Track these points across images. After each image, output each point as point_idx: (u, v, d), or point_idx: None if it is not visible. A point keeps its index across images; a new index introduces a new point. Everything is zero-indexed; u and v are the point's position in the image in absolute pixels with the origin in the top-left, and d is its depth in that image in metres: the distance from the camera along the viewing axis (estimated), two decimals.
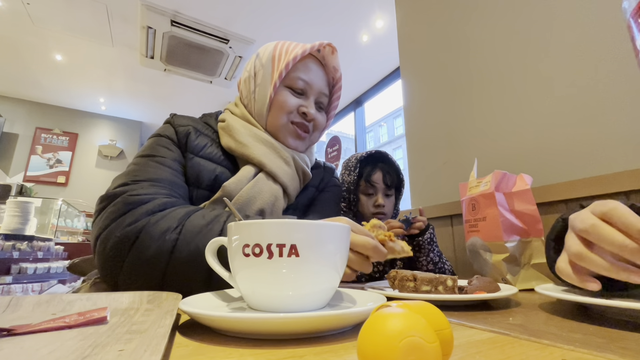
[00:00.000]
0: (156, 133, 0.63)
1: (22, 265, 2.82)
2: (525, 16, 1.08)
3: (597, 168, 0.83)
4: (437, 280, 0.42)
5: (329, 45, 0.71)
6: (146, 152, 0.58)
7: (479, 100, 1.21)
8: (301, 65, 0.68)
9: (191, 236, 0.45)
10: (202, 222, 0.47)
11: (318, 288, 0.30)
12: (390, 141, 17.69)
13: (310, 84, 0.69)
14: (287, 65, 0.65)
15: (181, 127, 0.63)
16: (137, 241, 0.44)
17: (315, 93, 0.70)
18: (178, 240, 0.44)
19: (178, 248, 0.44)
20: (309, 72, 0.69)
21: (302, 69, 0.68)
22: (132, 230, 0.44)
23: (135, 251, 0.43)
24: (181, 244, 0.44)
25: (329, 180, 0.83)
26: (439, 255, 0.97)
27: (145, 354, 0.18)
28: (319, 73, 0.71)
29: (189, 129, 0.63)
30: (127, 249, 0.44)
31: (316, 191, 0.78)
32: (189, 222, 0.46)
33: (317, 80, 0.70)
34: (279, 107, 0.67)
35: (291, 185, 0.67)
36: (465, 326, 0.29)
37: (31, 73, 3.74)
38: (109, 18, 2.78)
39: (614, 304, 0.28)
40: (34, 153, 4.31)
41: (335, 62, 0.73)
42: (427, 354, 0.14)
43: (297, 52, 0.66)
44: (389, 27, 2.81)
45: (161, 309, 0.32)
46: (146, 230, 0.44)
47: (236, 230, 0.30)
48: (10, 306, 0.32)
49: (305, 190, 0.75)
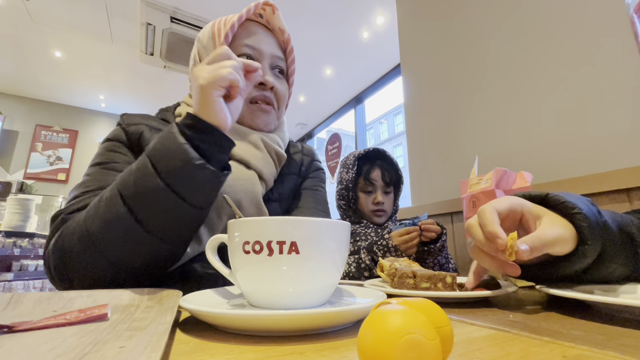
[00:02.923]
0: (106, 137, 0.58)
1: (23, 262, 2.83)
2: (527, 13, 1.07)
3: (597, 166, 0.83)
4: (436, 277, 0.42)
5: (268, 5, 0.63)
6: (97, 160, 0.54)
7: (480, 97, 1.21)
8: (242, 32, 0.61)
9: (129, 187, 0.41)
10: (127, 173, 0.43)
11: (318, 285, 0.30)
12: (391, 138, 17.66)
13: (258, 48, 0.61)
14: (227, 36, 0.58)
15: (132, 127, 0.58)
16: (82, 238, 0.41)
17: (268, 57, 0.63)
18: (122, 196, 0.41)
19: (128, 205, 0.40)
20: (252, 36, 0.62)
21: (244, 34, 0.61)
22: (72, 237, 0.42)
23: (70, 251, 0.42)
24: (128, 198, 0.40)
25: (309, 164, 0.76)
26: (446, 257, 0.97)
27: (146, 350, 0.18)
28: (265, 36, 0.64)
29: (141, 127, 0.58)
30: (70, 254, 0.42)
31: (298, 178, 0.72)
32: (117, 184, 0.42)
33: (265, 43, 0.63)
34: None
35: (266, 169, 0.61)
36: (466, 323, 0.30)
37: (31, 70, 3.73)
38: (108, 15, 2.76)
39: (614, 301, 0.28)
40: (34, 150, 4.31)
41: (280, 23, 0.65)
42: (427, 351, 0.14)
43: (233, 20, 0.59)
44: (390, 24, 2.80)
45: (162, 306, 0.32)
46: (87, 222, 0.42)
47: (236, 228, 0.30)
48: (11, 303, 0.32)
49: (287, 179, 0.69)
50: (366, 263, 0.90)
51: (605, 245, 0.35)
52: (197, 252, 0.54)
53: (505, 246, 0.33)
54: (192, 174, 0.40)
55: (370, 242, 0.92)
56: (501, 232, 0.33)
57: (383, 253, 0.90)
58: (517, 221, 0.38)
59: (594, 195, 0.80)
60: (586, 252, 0.34)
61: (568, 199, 0.36)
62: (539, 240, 0.33)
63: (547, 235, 0.33)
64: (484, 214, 0.36)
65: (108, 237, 0.41)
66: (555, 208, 0.37)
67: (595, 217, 0.35)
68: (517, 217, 0.38)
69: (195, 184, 0.41)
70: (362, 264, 0.90)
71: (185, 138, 0.41)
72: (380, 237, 0.95)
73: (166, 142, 0.41)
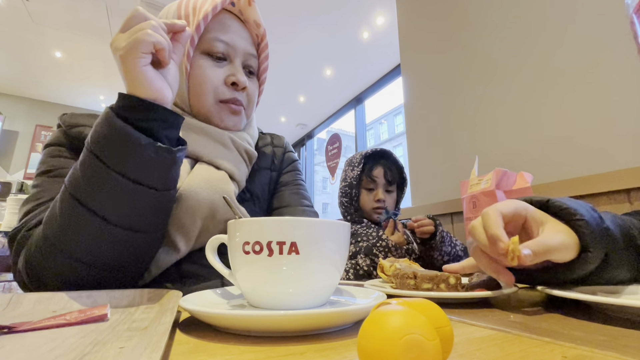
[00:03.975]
0: (47, 142, 0.53)
1: None
2: (526, 14, 1.07)
3: (597, 166, 0.83)
4: (438, 278, 0.42)
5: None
6: (42, 168, 0.50)
7: (480, 97, 1.21)
8: (216, 24, 0.56)
9: (78, 186, 0.38)
10: (75, 171, 0.39)
11: (318, 285, 0.30)
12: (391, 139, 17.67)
13: (233, 44, 0.57)
14: (199, 26, 0.53)
15: (74, 129, 0.52)
16: (48, 250, 0.39)
17: (241, 55, 0.58)
18: (69, 192, 0.38)
19: (79, 199, 0.37)
20: (227, 31, 0.57)
21: (217, 27, 0.56)
22: (35, 250, 0.40)
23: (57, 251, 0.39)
24: (77, 193, 0.37)
25: (282, 156, 0.71)
26: (451, 244, 0.96)
27: (146, 351, 0.18)
28: (240, 30, 0.59)
29: (84, 129, 0.52)
30: (41, 264, 0.40)
31: (272, 172, 0.67)
32: (67, 186, 0.39)
33: (239, 39, 0.58)
34: (201, 82, 0.55)
35: (237, 169, 0.57)
36: (466, 323, 0.29)
37: (31, 70, 3.73)
38: (108, 15, 2.77)
39: (615, 301, 0.28)
40: (34, 150, 4.31)
41: (256, 15, 0.60)
42: (427, 351, 0.13)
43: (207, 9, 0.53)
44: (390, 24, 2.80)
45: (161, 306, 0.32)
46: (47, 236, 0.39)
47: (236, 228, 0.30)
48: (11, 304, 0.32)
49: (258, 175, 0.64)
50: (364, 269, 0.90)
51: (608, 251, 0.35)
52: (176, 259, 0.50)
53: (507, 250, 0.32)
54: (143, 155, 0.37)
55: (368, 244, 0.92)
56: (504, 236, 0.33)
57: (384, 254, 0.90)
58: (519, 226, 0.38)
59: (594, 195, 0.80)
60: (588, 259, 0.34)
61: (570, 205, 0.36)
62: (543, 246, 0.32)
63: (551, 241, 0.33)
64: (488, 217, 0.35)
65: (76, 241, 0.38)
66: (556, 214, 0.37)
67: (597, 223, 0.35)
68: (521, 221, 0.38)
69: (149, 166, 0.38)
70: (360, 270, 0.90)
71: (125, 121, 0.37)
72: (378, 237, 0.95)
73: (105, 129, 0.37)
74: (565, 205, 0.36)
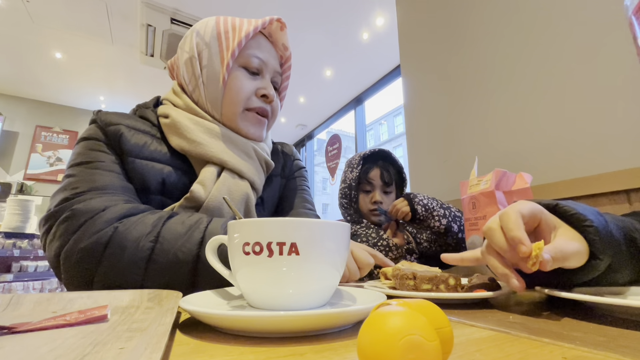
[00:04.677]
0: (84, 136, 0.55)
1: (23, 263, 2.84)
2: (526, 15, 1.07)
3: (597, 166, 0.83)
4: (438, 279, 0.42)
5: (279, 21, 0.65)
6: (79, 159, 0.51)
7: (479, 98, 1.21)
8: (253, 42, 0.62)
9: (169, 244, 0.42)
10: (180, 229, 0.44)
11: (318, 286, 0.30)
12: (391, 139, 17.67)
13: (266, 61, 0.63)
14: (240, 43, 0.59)
15: (111, 127, 0.54)
16: (107, 250, 0.41)
17: (271, 72, 0.65)
18: (155, 247, 0.42)
19: (155, 256, 0.42)
20: (262, 50, 0.63)
21: (255, 45, 0.62)
22: (100, 240, 0.41)
23: (107, 261, 0.41)
24: (158, 251, 0.42)
25: (292, 164, 0.77)
26: (446, 213, 0.93)
27: (146, 352, 0.18)
28: (271, 50, 0.66)
29: (120, 128, 0.55)
30: (96, 259, 0.41)
31: (281, 179, 0.73)
32: (165, 228, 0.44)
33: (270, 57, 0.65)
34: (236, 91, 0.60)
35: (257, 179, 0.63)
36: (466, 324, 0.29)
37: (31, 71, 3.73)
38: (108, 16, 2.77)
39: (614, 302, 0.28)
40: (34, 151, 4.31)
41: (285, 40, 0.67)
42: (427, 352, 0.14)
43: (248, 29, 0.60)
44: (390, 25, 2.80)
45: (162, 307, 0.32)
46: (116, 239, 0.42)
47: (236, 229, 0.30)
48: (10, 304, 0.32)
49: (270, 182, 0.70)
50: None
51: (613, 256, 0.34)
52: None
53: (529, 254, 0.31)
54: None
55: (368, 245, 0.92)
56: (527, 240, 0.32)
57: (385, 254, 0.90)
58: (532, 228, 0.37)
59: (594, 196, 0.80)
60: (598, 266, 0.33)
61: (578, 210, 0.35)
62: (561, 253, 0.31)
63: (568, 248, 0.32)
64: (509, 218, 0.33)
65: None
66: (565, 219, 0.36)
67: (605, 229, 0.34)
68: (535, 224, 0.36)
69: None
70: None
71: None
72: (379, 238, 0.95)
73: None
74: (575, 211, 0.35)
